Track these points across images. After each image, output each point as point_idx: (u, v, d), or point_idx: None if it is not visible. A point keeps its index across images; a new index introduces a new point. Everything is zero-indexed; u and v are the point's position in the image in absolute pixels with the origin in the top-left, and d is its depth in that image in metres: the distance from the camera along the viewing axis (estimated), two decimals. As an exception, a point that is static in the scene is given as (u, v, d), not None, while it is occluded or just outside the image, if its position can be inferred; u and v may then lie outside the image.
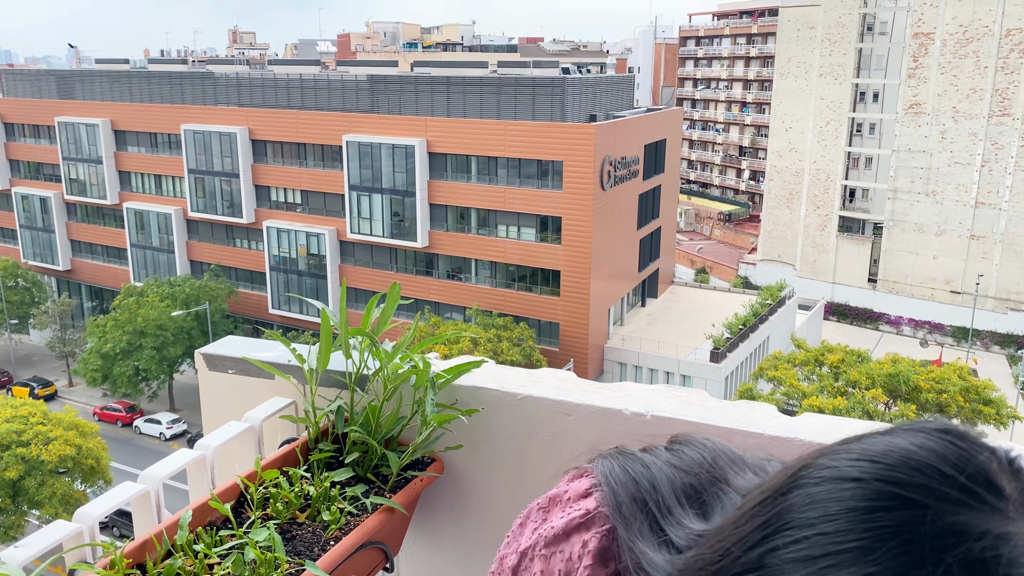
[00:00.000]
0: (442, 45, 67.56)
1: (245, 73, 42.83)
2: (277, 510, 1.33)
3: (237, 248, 40.64)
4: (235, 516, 1.32)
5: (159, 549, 1.17)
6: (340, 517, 1.33)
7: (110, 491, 1.25)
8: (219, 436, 1.45)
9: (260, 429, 1.54)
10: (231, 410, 1.70)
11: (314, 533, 1.31)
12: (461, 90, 35.72)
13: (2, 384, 37.13)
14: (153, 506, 1.28)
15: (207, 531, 1.24)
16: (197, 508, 1.25)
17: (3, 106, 46.88)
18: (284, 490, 1.35)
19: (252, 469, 1.37)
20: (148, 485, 1.28)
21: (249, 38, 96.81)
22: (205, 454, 1.39)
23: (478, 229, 34.82)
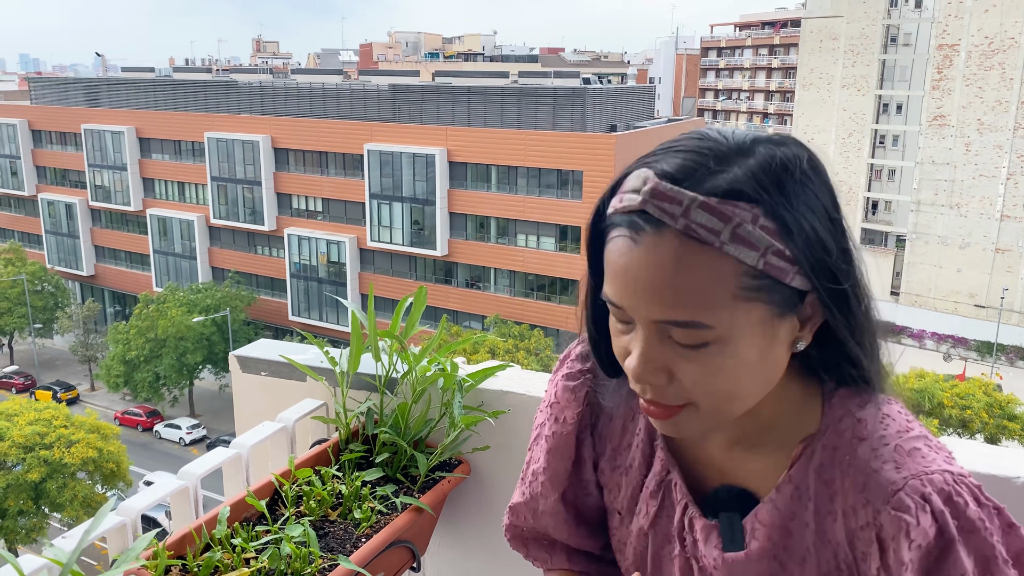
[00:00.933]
0: (463, 55, 67.93)
1: (268, 82, 43.30)
2: (310, 507, 1.37)
3: (258, 255, 40.96)
4: (270, 513, 1.36)
5: (198, 542, 1.22)
6: (371, 515, 1.37)
7: (151, 486, 1.29)
8: (254, 436, 1.49)
9: (293, 429, 1.58)
10: (263, 411, 1.74)
11: (346, 530, 1.35)
12: (482, 100, 35.90)
13: (26, 387, 37.56)
14: (192, 502, 1.33)
15: (243, 526, 1.29)
16: (234, 504, 1.29)
17: (31, 113, 47.62)
18: (317, 488, 1.39)
19: (286, 468, 1.42)
20: (187, 481, 1.32)
21: (272, 47, 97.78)
22: (241, 452, 1.44)
23: (497, 238, 34.91)
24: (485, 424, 1.63)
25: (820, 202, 0.83)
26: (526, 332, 31.26)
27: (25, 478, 21.46)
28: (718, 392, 0.83)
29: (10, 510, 21.61)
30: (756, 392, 0.85)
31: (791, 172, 0.82)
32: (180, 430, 32.97)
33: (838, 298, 0.83)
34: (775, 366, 0.85)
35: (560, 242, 33.40)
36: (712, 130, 0.88)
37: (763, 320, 0.81)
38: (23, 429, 21.72)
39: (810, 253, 0.80)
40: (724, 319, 0.79)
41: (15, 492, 21.50)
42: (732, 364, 0.82)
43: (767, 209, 0.79)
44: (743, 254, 0.78)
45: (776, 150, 0.85)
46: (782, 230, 0.79)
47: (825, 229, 0.82)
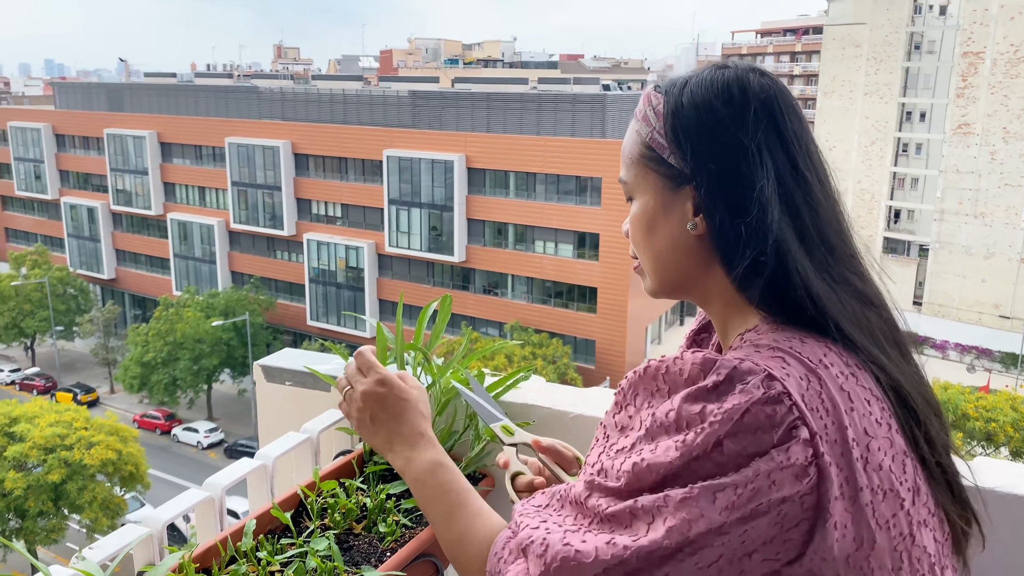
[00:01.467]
0: (483, 61, 68.13)
1: (289, 88, 43.64)
2: (335, 520, 1.36)
3: (278, 260, 41.21)
4: (295, 525, 1.35)
5: (223, 555, 1.21)
6: (395, 529, 1.36)
7: (176, 497, 1.29)
8: (279, 446, 1.48)
9: (317, 440, 1.57)
10: (288, 421, 1.74)
11: (370, 544, 1.33)
12: (501, 106, 35.98)
13: (47, 389, 37.96)
14: (216, 513, 1.32)
15: (268, 539, 1.27)
16: (259, 516, 1.28)
17: (55, 118, 48.24)
18: (342, 500, 1.37)
19: (311, 479, 1.40)
20: (212, 492, 1.31)
21: (293, 53, 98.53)
22: (266, 463, 1.43)
23: (515, 244, 34.93)
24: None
25: (725, 114, 0.93)
26: (545, 340, 31.19)
27: (45, 479, 21.64)
28: (637, 243, 1.03)
29: (30, 511, 21.80)
30: (662, 253, 0.99)
31: (715, 87, 0.95)
32: (198, 434, 33.18)
33: (722, 194, 0.92)
34: (673, 237, 0.97)
35: (578, 249, 33.36)
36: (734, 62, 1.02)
37: (656, 186, 0.98)
38: (44, 431, 21.93)
39: (687, 141, 0.94)
40: (632, 176, 1.01)
41: (35, 493, 21.69)
42: (638, 216, 1.01)
43: (668, 99, 0.97)
44: (641, 128, 1.00)
45: (723, 72, 0.97)
46: (670, 117, 0.96)
47: (721, 130, 0.92)
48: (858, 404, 0.85)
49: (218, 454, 32.21)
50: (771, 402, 0.80)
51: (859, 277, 0.97)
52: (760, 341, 0.90)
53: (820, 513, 0.79)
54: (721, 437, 0.80)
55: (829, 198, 0.96)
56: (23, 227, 50.82)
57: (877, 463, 0.83)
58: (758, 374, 0.82)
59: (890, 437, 0.86)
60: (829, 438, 0.81)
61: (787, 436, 0.79)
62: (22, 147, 48.47)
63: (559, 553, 0.84)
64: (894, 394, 0.90)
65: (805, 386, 0.82)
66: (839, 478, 0.80)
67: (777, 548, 0.80)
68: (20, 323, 39.35)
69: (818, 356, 0.86)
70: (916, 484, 0.87)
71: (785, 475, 0.78)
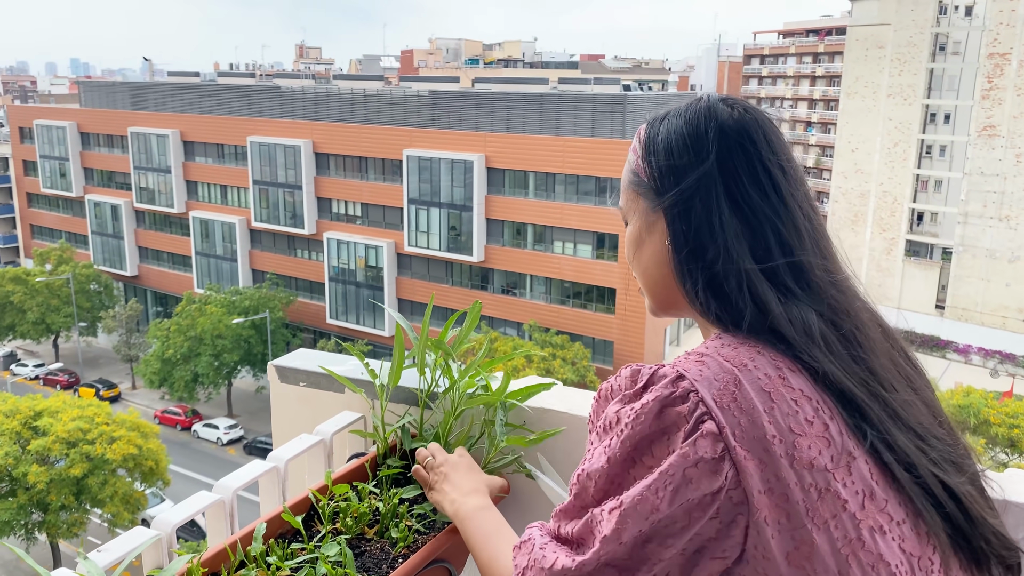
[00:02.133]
0: (503, 61, 68.13)
1: (310, 87, 43.83)
2: (347, 525, 1.34)
3: (298, 258, 41.41)
4: (306, 529, 1.33)
5: (233, 559, 1.19)
6: (408, 535, 1.33)
7: (187, 500, 1.27)
8: (291, 448, 1.46)
9: (330, 443, 1.55)
10: (301, 422, 1.72)
11: (382, 549, 1.31)
12: (521, 106, 35.93)
13: (70, 385, 38.40)
14: (227, 516, 1.30)
15: (279, 543, 1.26)
16: (270, 520, 1.26)
17: (80, 116, 48.75)
18: (354, 505, 1.35)
19: (323, 483, 1.39)
20: (223, 495, 1.30)
21: (315, 53, 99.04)
22: (278, 466, 1.41)
23: (534, 245, 34.87)
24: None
25: (691, 141, 1.01)
26: (566, 343, 31.08)
27: (68, 473, 21.88)
28: (630, 262, 1.12)
29: (52, 505, 22.04)
30: (648, 269, 1.08)
31: (685, 116, 1.05)
32: (218, 430, 33.41)
33: (681, 216, 1.00)
34: (655, 255, 1.06)
35: (597, 250, 33.25)
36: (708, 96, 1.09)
37: (642, 210, 1.07)
38: (66, 425, 22.16)
39: (657, 164, 1.04)
40: (624, 201, 1.11)
41: (58, 487, 21.93)
42: (629, 237, 1.10)
43: (649, 129, 1.08)
44: (630, 157, 1.10)
45: (697, 103, 1.06)
46: (649, 144, 1.06)
47: (685, 155, 1.01)
48: (780, 403, 0.86)
49: (238, 451, 32.44)
50: (679, 400, 0.86)
51: (834, 289, 1.00)
52: (699, 348, 0.96)
53: (750, 508, 0.82)
54: (637, 438, 0.87)
55: (803, 218, 1.00)
56: (48, 224, 51.40)
57: (807, 461, 0.84)
58: (668, 376, 0.89)
59: (827, 436, 0.87)
60: (744, 434, 0.84)
61: (693, 430, 0.85)
62: (48, 145, 49.03)
63: (536, 554, 0.95)
64: (842, 399, 0.91)
65: (719, 386, 0.87)
66: (762, 473, 0.83)
67: (723, 546, 0.84)
68: (46, 319, 39.81)
69: (743, 360, 0.90)
70: (870, 488, 0.87)
71: (699, 471, 0.83)
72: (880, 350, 0.99)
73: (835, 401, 0.90)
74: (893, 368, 0.99)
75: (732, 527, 0.84)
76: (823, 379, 0.91)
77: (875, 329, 1.02)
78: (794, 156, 1.05)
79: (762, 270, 0.96)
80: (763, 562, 0.83)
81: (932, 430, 0.97)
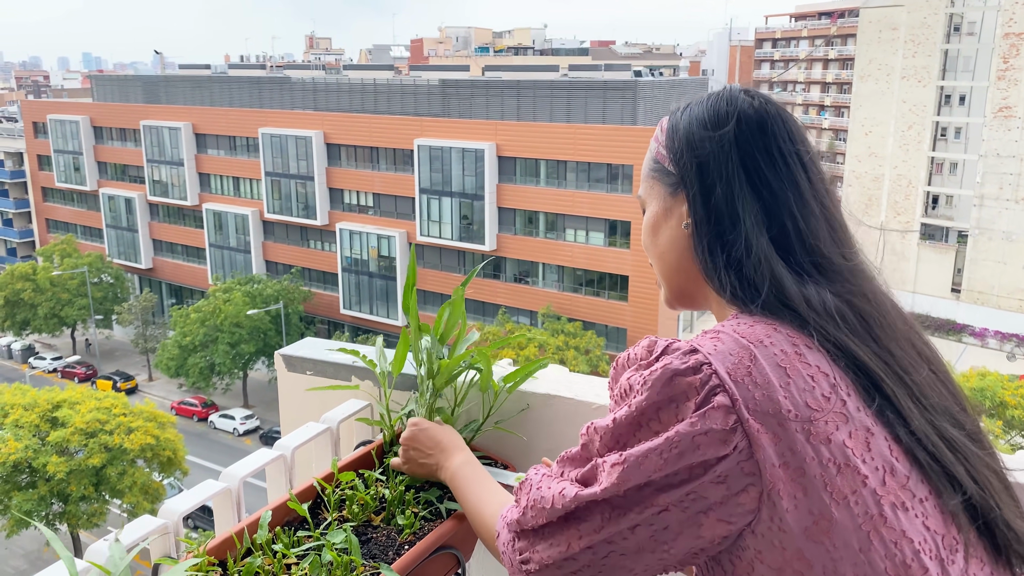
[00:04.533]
0: (513, 49, 67.87)
1: (321, 78, 43.80)
2: (353, 512, 1.34)
3: (311, 249, 41.53)
4: (313, 517, 1.34)
5: (239, 547, 1.19)
6: (414, 521, 1.34)
7: (193, 488, 1.28)
8: (298, 437, 1.47)
9: (337, 431, 1.55)
10: (308, 411, 1.72)
11: (389, 536, 1.31)
12: (531, 94, 35.80)
13: (87, 377, 38.74)
14: (234, 504, 1.31)
15: (285, 531, 1.26)
16: (276, 508, 1.27)
17: (93, 110, 48.97)
18: (360, 492, 1.36)
19: (329, 471, 1.39)
20: (229, 483, 1.30)
21: (325, 44, 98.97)
22: (284, 454, 1.41)
23: (546, 233, 34.81)
24: (532, 428, 1.58)
25: (712, 128, 1.04)
26: (579, 331, 31.03)
27: (87, 464, 22.11)
28: (646, 247, 1.14)
29: (73, 495, 22.29)
30: (664, 253, 1.10)
31: (707, 104, 1.08)
32: (234, 420, 33.65)
33: (703, 199, 1.03)
34: (673, 240, 1.08)
35: (609, 237, 33.16)
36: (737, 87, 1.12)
37: (661, 195, 1.10)
38: (85, 416, 22.38)
39: (679, 150, 1.06)
40: (645, 188, 1.14)
41: (77, 477, 22.17)
42: (647, 222, 1.13)
43: (672, 118, 1.11)
44: (652, 145, 1.13)
45: (719, 94, 1.09)
46: (671, 131, 1.09)
47: (707, 143, 1.04)
48: (797, 379, 0.87)
49: (254, 441, 32.66)
50: (691, 372, 0.88)
51: (852, 273, 1.01)
52: (715, 327, 0.97)
53: (763, 480, 0.83)
54: (644, 404, 0.89)
55: (819, 205, 1.02)
56: (63, 218, 51.75)
57: (824, 436, 0.84)
58: (682, 348, 0.91)
59: (844, 412, 0.87)
60: (758, 407, 0.85)
61: (705, 402, 0.86)
62: (61, 139, 49.31)
63: (534, 494, 1.00)
64: (860, 377, 0.91)
65: (734, 361, 0.88)
66: (776, 447, 0.83)
67: (730, 511, 0.86)
68: (59, 312, 40.13)
69: (759, 336, 0.91)
70: (890, 464, 0.87)
71: (708, 439, 0.85)
72: (899, 333, 1.00)
73: (853, 378, 0.91)
74: (913, 351, 1.00)
75: (742, 495, 0.85)
76: (841, 357, 0.92)
77: (893, 312, 1.03)
78: (813, 146, 1.07)
79: (780, 252, 0.98)
80: (779, 535, 0.84)
81: (953, 412, 0.97)
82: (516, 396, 1.58)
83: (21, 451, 21.67)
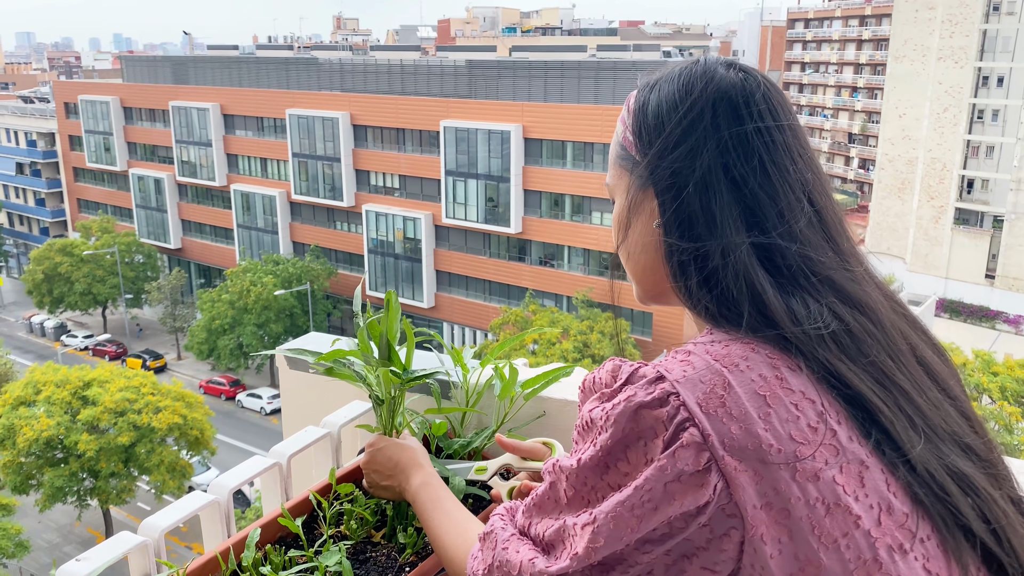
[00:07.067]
0: (541, 29, 67.33)
1: (348, 59, 43.78)
2: (351, 528, 1.24)
3: (337, 230, 41.65)
4: (308, 532, 1.24)
5: (224, 569, 1.10)
6: (418, 540, 1.23)
7: (178, 501, 1.18)
8: (294, 443, 1.37)
9: (338, 435, 1.45)
10: (311, 411, 1.63)
11: (389, 556, 1.21)
12: (559, 75, 35.47)
13: (117, 355, 39.27)
14: (222, 518, 1.21)
15: (276, 549, 1.16)
16: (267, 524, 1.17)
17: (123, 91, 49.34)
18: (359, 506, 1.26)
19: (326, 481, 1.29)
20: (218, 495, 1.21)
21: (352, 24, 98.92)
22: (279, 462, 1.32)
23: (572, 216, 34.58)
24: (548, 435, 1.47)
25: (684, 110, 0.89)
26: (610, 316, 30.78)
27: (116, 441, 22.45)
28: (616, 245, 1.01)
29: (103, 471, 22.67)
30: (633, 254, 0.97)
31: (679, 81, 0.92)
32: (261, 399, 33.98)
33: (673, 198, 0.88)
34: (642, 239, 0.94)
35: (636, 220, 32.84)
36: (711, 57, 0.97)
37: (628, 187, 0.95)
38: (114, 395, 22.69)
39: (647, 137, 0.91)
40: (612, 177, 1.00)
41: (107, 454, 22.53)
42: (615, 217, 0.99)
43: (638, 96, 0.95)
44: (618, 127, 0.98)
45: (692, 67, 0.93)
46: (638, 113, 0.94)
47: (677, 128, 0.89)
48: (778, 408, 0.76)
49: (280, 420, 32.98)
50: (657, 403, 0.78)
51: (846, 278, 0.87)
52: (687, 345, 0.85)
53: (744, 524, 0.75)
54: (610, 443, 0.80)
55: (808, 198, 0.88)
56: (94, 198, 52.35)
57: (812, 472, 0.74)
58: (648, 376, 0.80)
59: (834, 444, 0.76)
60: (735, 443, 0.75)
61: (673, 438, 0.76)
62: (92, 120, 49.78)
63: (499, 555, 0.90)
64: (851, 401, 0.79)
65: (705, 389, 0.77)
66: (758, 486, 0.74)
67: (714, 558, 0.77)
68: (92, 289, 40.70)
69: (734, 359, 0.80)
70: (886, 501, 0.76)
71: (682, 486, 0.75)
72: (900, 347, 0.86)
73: (843, 404, 0.79)
74: (917, 367, 0.86)
75: (724, 540, 0.75)
76: (828, 379, 0.79)
77: (897, 322, 0.88)
78: (802, 127, 0.92)
79: (761, 257, 0.84)
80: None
81: (964, 438, 0.84)
82: (532, 400, 1.47)
83: (53, 428, 22.04)
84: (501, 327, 29.54)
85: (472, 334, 36.94)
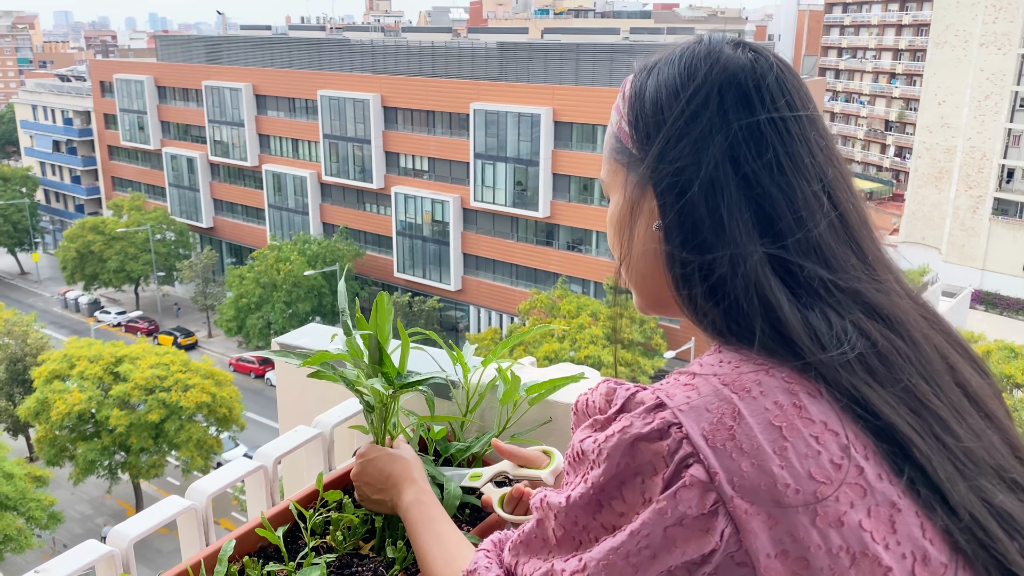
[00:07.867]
0: (573, 11, 66.71)
1: (380, 40, 43.65)
2: (337, 539, 1.16)
3: (366, 212, 41.76)
4: (294, 540, 1.16)
5: (195, 583, 1.02)
6: (407, 554, 1.15)
7: (153, 507, 1.11)
8: (282, 444, 1.29)
9: (331, 436, 1.37)
10: (307, 408, 1.55)
11: (375, 571, 1.13)
12: (591, 58, 35.09)
13: (150, 332, 39.82)
14: (199, 526, 1.14)
15: (255, 562, 1.08)
16: (243, 536, 1.09)
17: (157, 70, 49.73)
18: (347, 515, 1.17)
19: (312, 487, 1.21)
20: (195, 501, 1.13)
21: (385, 5, 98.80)
22: (264, 465, 1.24)
23: (600, 200, 34.30)
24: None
25: (686, 97, 0.79)
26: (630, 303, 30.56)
27: (146, 418, 22.80)
28: (612, 247, 0.90)
29: (133, 447, 23.05)
30: (631, 259, 0.86)
31: (680, 64, 0.82)
32: (289, 379, 34.28)
33: (675, 197, 0.78)
34: (642, 243, 0.83)
35: (666, 206, 32.53)
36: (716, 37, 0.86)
37: (624, 182, 0.85)
38: (144, 372, 23.00)
39: (646, 129, 0.81)
40: (606, 172, 0.89)
41: (137, 430, 22.89)
42: (610, 217, 0.89)
43: (634, 81, 0.86)
44: (614, 118, 0.88)
45: (695, 48, 0.83)
46: (634, 101, 0.84)
47: (680, 117, 0.79)
48: (796, 441, 0.67)
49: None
50: (656, 436, 0.69)
51: (874, 288, 0.76)
52: (692, 366, 0.76)
53: (756, 575, 0.66)
54: (603, 481, 0.71)
55: (828, 196, 0.77)
56: (128, 176, 52.95)
57: (835, 516, 0.65)
58: (646, 403, 0.72)
59: (862, 483, 0.67)
60: (746, 483, 0.66)
61: (675, 477, 0.68)
62: (127, 99, 50.28)
63: None
64: (881, 434, 0.70)
65: (711, 419, 0.69)
66: (772, 532, 0.65)
67: None
68: (125, 267, 41.27)
69: (745, 384, 0.71)
70: (922, 550, 0.66)
71: (684, 532, 0.67)
72: (936, 367, 0.75)
73: (871, 436, 0.69)
74: (956, 390, 0.75)
75: None
76: (854, 407, 0.70)
77: (932, 337, 0.76)
78: (821, 115, 0.79)
79: (776, 265, 0.74)
80: None
81: (1010, 472, 0.72)
82: (539, 405, 1.38)
83: (85, 402, 22.42)
84: (528, 311, 29.46)
85: (499, 317, 36.91)
